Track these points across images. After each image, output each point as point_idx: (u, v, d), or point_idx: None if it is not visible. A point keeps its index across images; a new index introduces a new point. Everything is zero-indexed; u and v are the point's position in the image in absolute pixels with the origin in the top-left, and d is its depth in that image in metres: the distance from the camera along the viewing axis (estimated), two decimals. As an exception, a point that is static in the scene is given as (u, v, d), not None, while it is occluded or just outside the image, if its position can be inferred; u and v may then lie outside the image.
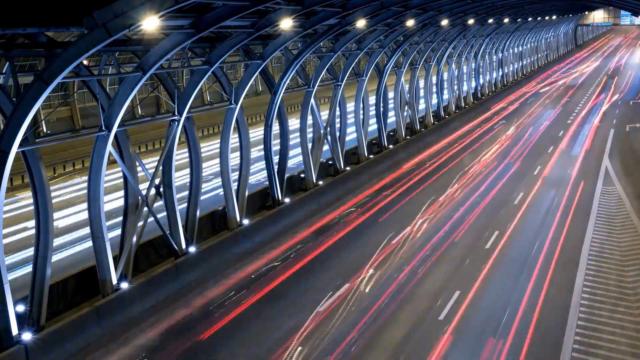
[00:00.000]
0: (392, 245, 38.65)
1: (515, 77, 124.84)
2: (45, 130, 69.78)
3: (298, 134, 46.91)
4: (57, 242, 36.85)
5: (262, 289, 33.08)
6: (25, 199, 48.38)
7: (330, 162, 52.33)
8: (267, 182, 43.35)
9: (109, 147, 28.98)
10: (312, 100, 47.49)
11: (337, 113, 52.49)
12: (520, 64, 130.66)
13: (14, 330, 25.32)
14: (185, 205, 35.88)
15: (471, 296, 31.30)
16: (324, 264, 36.35)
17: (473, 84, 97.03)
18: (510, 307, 30.11)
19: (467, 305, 30.40)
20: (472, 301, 30.78)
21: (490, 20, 77.98)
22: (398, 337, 27.90)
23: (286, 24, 34.14)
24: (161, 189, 33.71)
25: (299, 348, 27.18)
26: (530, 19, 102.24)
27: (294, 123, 49.71)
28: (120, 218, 32.24)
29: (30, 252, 32.86)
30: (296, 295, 32.32)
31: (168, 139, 33.35)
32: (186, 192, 36.05)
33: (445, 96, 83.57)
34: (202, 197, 37.06)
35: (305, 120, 47.21)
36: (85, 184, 29.78)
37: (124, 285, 30.13)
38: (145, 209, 32.14)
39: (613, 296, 31.01)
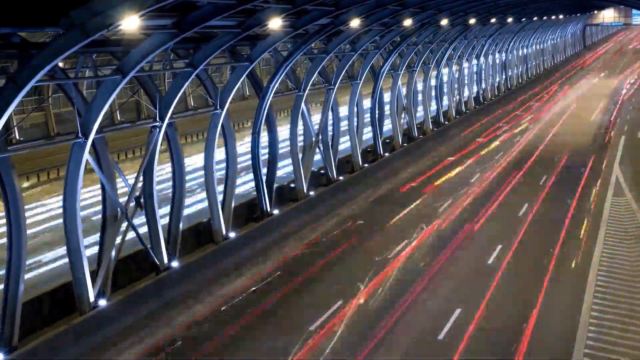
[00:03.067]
0: (388, 259, 38.73)
1: (520, 81, 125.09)
2: (18, 137, 69.66)
3: (288, 141, 47.00)
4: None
5: (251, 306, 33.10)
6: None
7: (322, 171, 52.39)
8: (255, 193, 43.40)
9: (86, 155, 29.02)
10: (303, 105, 47.57)
11: (330, 119, 52.58)
12: (525, 66, 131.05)
13: (-16, 350, 25.34)
14: (167, 217, 35.97)
15: (473, 312, 31.41)
16: (317, 280, 36.40)
17: (474, 88, 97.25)
18: (514, 324, 30.25)
19: (470, 324, 30.54)
20: (475, 318, 30.91)
21: (493, 20, 78.26)
22: None
23: (275, 23, 34.26)
24: (142, 200, 33.74)
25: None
26: (535, 18, 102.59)
27: (283, 129, 49.79)
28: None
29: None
30: (287, 313, 32.34)
31: (149, 146, 33.38)
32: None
33: (445, 101, 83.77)
34: (186, 209, 37.10)
35: (296, 126, 47.29)
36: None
37: (102, 303, 30.13)
38: (125, 221, 32.19)
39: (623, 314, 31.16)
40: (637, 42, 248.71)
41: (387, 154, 62.02)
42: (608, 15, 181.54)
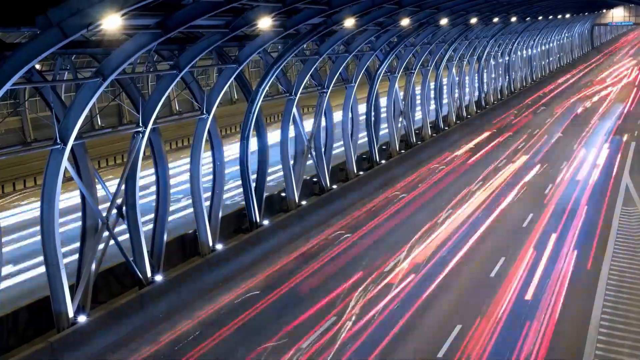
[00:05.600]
0: (384, 273, 38.79)
1: (524, 84, 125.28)
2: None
3: (278, 147, 47.07)
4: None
5: (238, 322, 33.14)
6: None
7: (314, 179, 52.43)
8: (244, 202, 43.45)
9: (65, 163, 29.06)
10: (295, 110, 47.65)
11: (323, 124, 52.65)
12: (530, 68, 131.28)
13: (-43, 369, 25.35)
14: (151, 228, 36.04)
15: (472, 331, 31.52)
16: (309, 294, 36.43)
17: (476, 92, 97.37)
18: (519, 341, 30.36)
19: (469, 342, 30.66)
20: (473, 334, 31.03)
21: (496, 20, 78.44)
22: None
23: (265, 23, 34.38)
24: (124, 210, 33.78)
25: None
26: (540, 17, 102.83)
27: (273, 135, 49.89)
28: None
29: None
30: (277, 329, 32.37)
31: (131, 153, 33.44)
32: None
33: (445, 105, 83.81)
34: (170, 219, 37.14)
35: (287, 131, 47.35)
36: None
37: (82, 319, 30.14)
38: (106, 232, 32.20)
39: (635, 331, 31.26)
40: None
41: (383, 161, 62.08)
42: (617, 15, 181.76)
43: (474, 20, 67.94)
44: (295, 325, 32.59)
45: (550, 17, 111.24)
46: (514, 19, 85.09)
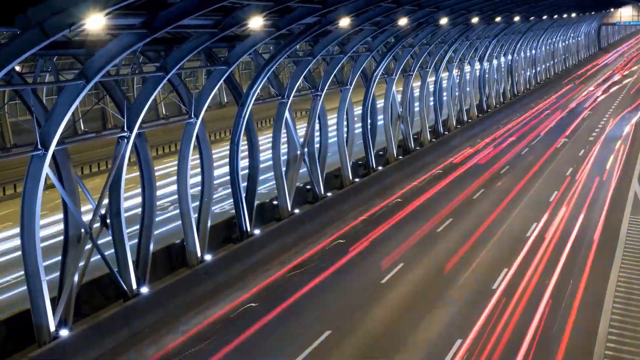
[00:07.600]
0: (383, 285, 38.82)
1: (528, 86, 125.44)
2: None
3: (270, 153, 47.08)
4: None
5: (228, 337, 33.10)
6: None
7: (308, 187, 52.41)
8: (234, 210, 43.44)
9: (46, 169, 29.04)
10: (287, 113, 47.65)
11: (317, 128, 52.63)
12: (534, 70, 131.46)
13: None
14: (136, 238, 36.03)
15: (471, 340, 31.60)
16: (302, 308, 36.41)
17: (477, 95, 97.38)
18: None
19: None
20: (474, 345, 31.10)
21: (498, 19, 78.54)
22: None
23: (256, 22, 34.43)
24: (108, 219, 33.76)
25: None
26: (545, 17, 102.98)
27: (265, 140, 49.91)
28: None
29: None
30: (268, 345, 32.36)
31: (116, 159, 33.40)
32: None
33: (445, 109, 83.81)
34: (156, 229, 37.15)
35: (279, 136, 47.35)
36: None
37: (64, 333, 30.11)
38: (89, 242, 32.19)
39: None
40: None
41: (380, 168, 62.07)
42: (626, 14, 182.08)
43: (475, 20, 68.03)
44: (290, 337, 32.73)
45: (555, 16, 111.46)
46: (517, 19, 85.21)
